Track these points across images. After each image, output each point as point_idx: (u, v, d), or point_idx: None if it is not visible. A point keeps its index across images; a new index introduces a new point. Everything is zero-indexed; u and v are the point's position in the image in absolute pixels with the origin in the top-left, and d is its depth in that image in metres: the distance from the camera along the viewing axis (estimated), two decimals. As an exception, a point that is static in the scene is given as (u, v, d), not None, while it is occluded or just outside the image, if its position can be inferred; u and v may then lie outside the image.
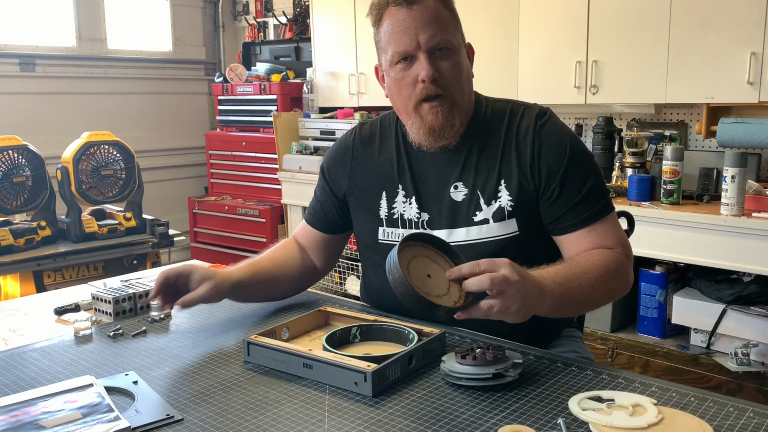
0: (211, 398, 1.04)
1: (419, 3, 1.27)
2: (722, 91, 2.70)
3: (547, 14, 3.14)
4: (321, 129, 4.01)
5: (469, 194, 1.34)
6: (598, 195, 1.32)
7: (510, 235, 1.32)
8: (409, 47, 1.28)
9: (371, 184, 1.43)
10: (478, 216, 1.33)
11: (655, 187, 2.76)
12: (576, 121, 3.52)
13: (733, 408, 0.96)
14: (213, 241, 4.61)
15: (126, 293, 1.45)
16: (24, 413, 0.98)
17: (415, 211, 1.38)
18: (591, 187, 1.31)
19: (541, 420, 0.94)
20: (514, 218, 1.32)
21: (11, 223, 2.77)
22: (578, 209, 1.30)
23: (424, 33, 1.26)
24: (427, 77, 1.27)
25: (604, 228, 1.30)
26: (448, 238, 1.34)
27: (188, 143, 5.12)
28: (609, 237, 1.30)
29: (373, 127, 1.49)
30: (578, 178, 1.31)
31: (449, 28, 1.30)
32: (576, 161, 1.32)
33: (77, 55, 4.47)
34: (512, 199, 1.32)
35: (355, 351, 1.19)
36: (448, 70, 1.29)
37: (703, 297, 2.65)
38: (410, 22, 1.27)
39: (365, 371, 1.02)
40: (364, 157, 1.46)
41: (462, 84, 1.33)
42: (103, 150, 2.98)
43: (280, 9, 4.91)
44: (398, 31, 1.28)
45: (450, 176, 1.36)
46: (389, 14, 1.29)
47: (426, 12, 1.27)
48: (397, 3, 1.28)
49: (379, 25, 1.32)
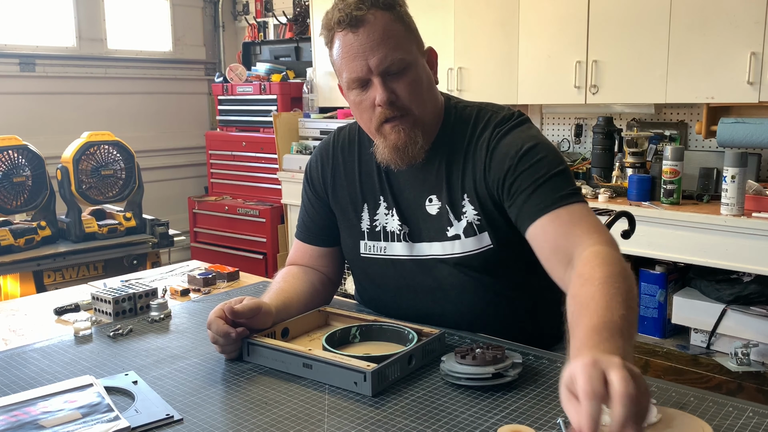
0: (211, 398, 1.04)
1: (364, 24, 1.20)
2: (722, 91, 2.70)
3: (547, 14, 3.14)
4: (321, 129, 4.01)
5: (441, 208, 1.30)
6: (560, 183, 1.18)
7: (485, 249, 1.28)
8: (361, 72, 1.22)
9: (353, 194, 1.39)
10: (450, 231, 1.30)
11: (655, 187, 2.76)
12: (576, 121, 3.52)
13: (732, 408, 0.96)
14: (213, 241, 4.61)
15: (126, 293, 1.45)
16: (24, 413, 0.98)
17: (397, 223, 1.34)
18: (549, 175, 1.19)
19: (540, 420, 0.94)
20: (485, 232, 1.27)
21: (11, 223, 2.77)
22: (537, 196, 1.18)
23: (374, 56, 1.20)
24: (382, 102, 1.22)
25: (571, 214, 1.15)
26: (428, 251, 1.32)
27: (188, 143, 5.12)
28: (580, 224, 1.13)
29: (352, 132, 1.43)
30: (532, 170, 1.20)
31: (401, 44, 1.22)
32: (529, 156, 1.21)
33: (77, 55, 4.47)
34: (477, 212, 1.27)
35: (354, 351, 1.19)
36: (405, 89, 1.23)
37: (703, 297, 2.65)
38: (358, 47, 1.20)
39: (365, 371, 1.02)
40: (345, 167, 1.41)
41: (422, 99, 1.26)
42: (103, 150, 2.98)
43: (280, 9, 4.91)
44: (348, 56, 1.22)
45: (423, 188, 1.32)
46: (338, 37, 1.23)
47: (373, 33, 1.20)
48: (341, 27, 1.21)
49: (331, 47, 1.26)
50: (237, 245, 4.43)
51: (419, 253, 1.33)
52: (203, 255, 4.48)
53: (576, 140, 3.49)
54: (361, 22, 1.20)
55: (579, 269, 1.04)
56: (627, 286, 0.98)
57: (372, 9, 1.21)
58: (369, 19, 1.20)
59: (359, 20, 1.20)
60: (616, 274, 0.99)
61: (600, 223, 1.17)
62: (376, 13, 1.21)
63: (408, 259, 1.34)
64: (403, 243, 1.34)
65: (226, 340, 1.15)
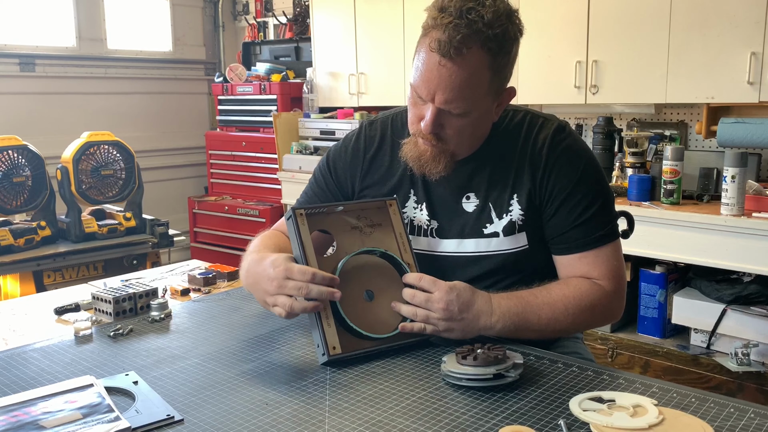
0: (211, 398, 1.03)
1: (455, 60, 1.14)
2: (722, 91, 2.70)
3: (547, 14, 3.14)
4: (321, 129, 4.01)
5: (480, 206, 1.33)
6: (600, 223, 1.28)
7: (519, 249, 1.31)
8: (424, 96, 1.21)
9: (384, 187, 1.40)
10: (488, 228, 1.32)
11: (655, 187, 2.76)
12: (576, 121, 3.52)
13: (733, 409, 0.96)
14: (213, 241, 4.61)
15: (126, 293, 1.45)
16: (24, 413, 0.98)
17: (425, 218, 1.35)
18: (593, 213, 1.28)
19: (541, 421, 0.94)
20: (524, 232, 1.31)
21: (11, 223, 2.77)
22: (574, 233, 1.28)
23: (442, 94, 1.18)
24: (426, 130, 1.22)
25: (597, 257, 1.28)
26: (457, 249, 1.33)
27: (188, 143, 5.12)
28: (598, 267, 1.27)
29: (384, 126, 1.43)
30: (582, 202, 1.28)
31: (475, 94, 1.19)
32: (584, 184, 1.28)
33: (77, 55, 4.47)
34: (523, 213, 1.30)
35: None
36: (453, 129, 1.23)
37: (703, 297, 2.65)
38: (435, 75, 1.17)
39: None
40: (376, 160, 1.41)
41: (465, 140, 1.27)
42: (103, 150, 2.98)
43: (280, 9, 4.91)
44: (423, 74, 1.19)
45: (462, 186, 1.34)
46: (426, 49, 1.18)
47: (457, 75, 1.15)
48: (432, 48, 1.16)
49: (419, 43, 1.21)
50: (237, 245, 4.42)
51: (444, 249, 1.34)
52: (203, 255, 4.48)
53: (576, 140, 3.49)
54: (456, 57, 1.15)
55: (564, 281, 1.28)
56: (562, 306, 1.22)
57: (476, 47, 1.15)
58: (464, 58, 1.15)
59: (455, 54, 1.14)
60: (569, 296, 1.23)
61: (617, 266, 1.30)
62: (476, 53, 1.15)
63: (430, 254, 1.34)
64: (429, 238, 1.35)
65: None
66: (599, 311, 1.26)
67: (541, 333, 1.23)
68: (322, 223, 1.25)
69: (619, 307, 1.31)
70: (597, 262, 1.27)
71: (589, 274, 1.27)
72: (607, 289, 1.27)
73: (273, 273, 1.15)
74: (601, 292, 1.26)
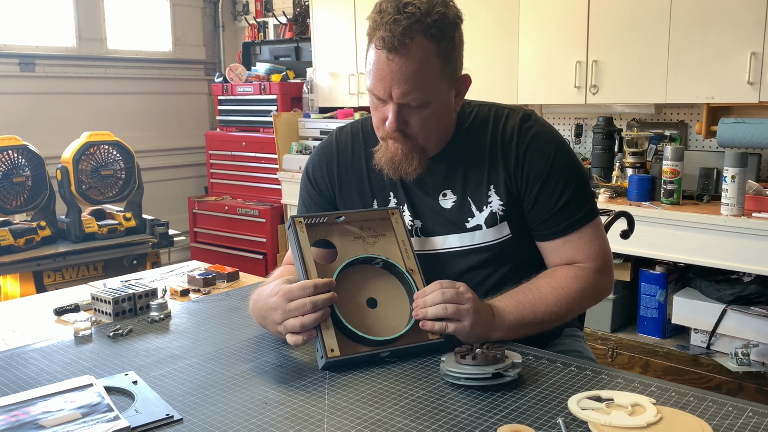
0: (211, 398, 1.04)
1: (402, 53, 1.18)
2: (722, 91, 2.70)
3: (547, 14, 3.14)
4: (321, 129, 4.01)
5: (458, 201, 1.34)
6: (579, 204, 1.31)
7: (504, 239, 1.33)
8: (382, 95, 1.23)
9: (361, 192, 1.40)
10: (470, 222, 1.33)
11: (655, 187, 2.76)
12: (576, 121, 3.52)
13: (732, 407, 0.96)
14: (213, 241, 4.61)
15: (126, 293, 1.45)
16: (24, 413, 0.98)
17: (408, 218, 1.37)
18: (571, 195, 1.30)
19: (540, 420, 0.94)
20: (505, 221, 1.33)
21: (11, 223, 2.77)
22: (555, 219, 1.31)
23: (398, 88, 1.20)
24: (391, 129, 1.24)
25: (580, 239, 1.31)
26: (443, 245, 1.35)
27: (188, 143, 5.12)
28: (582, 249, 1.31)
29: (355, 132, 1.44)
30: (558, 187, 1.30)
31: (430, 81, 1.22)
32: (558, 169, 1.31)
33: (77, 55, 4.47)
34: (503, 203, 1.32)
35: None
36: (417, 122, 1.25)
37: (703, 297, 2.65)
38: (387, 72, 1.20)
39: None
40: (351, 165, 1.41)
41: (431, 132, 1.29)
42: (103, 150, 2.98)
43: (280, 9, 4.91)
44: (376, 75, 1.22)
45: (438, 185, 1.35)
46: (375, 50, 1.21)
47: (407, 65, 1.18)
48: (378, 46, 1.20)
49: (368, 49, 1.24)
50: (237, 245, 4.43)
51: (432, 247, 1.36)
52: (203, 255, 4.48)
53: (576, 140, 3.49)
54: (401, 49, 1.18)
55: (550, 272, 1.31)
56: (554, 298, 1.25)
57: (418, 36, 1.18)
58: (410, 49, 1.18)
59: (400, 46, 1.17)
60: (557, 287, 1.26)
61: (601, 244, 1.33)
62: (420, 43, 1.18)
63: (419, 253, 1.34)
64: (415, 238, 1.36)
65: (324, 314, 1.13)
66: (590, 293, 1.30)
67: (541, 327, 1.26)
68: (325, 233, 1.25)
69: (609, 282, 1.35)
70: (580, 245, 1.31)
71: (575, 257, 1.31)
72: (594, 268, 1.31)
73: (274, 302, 1.14)
74: (587, 275, 1.29)
